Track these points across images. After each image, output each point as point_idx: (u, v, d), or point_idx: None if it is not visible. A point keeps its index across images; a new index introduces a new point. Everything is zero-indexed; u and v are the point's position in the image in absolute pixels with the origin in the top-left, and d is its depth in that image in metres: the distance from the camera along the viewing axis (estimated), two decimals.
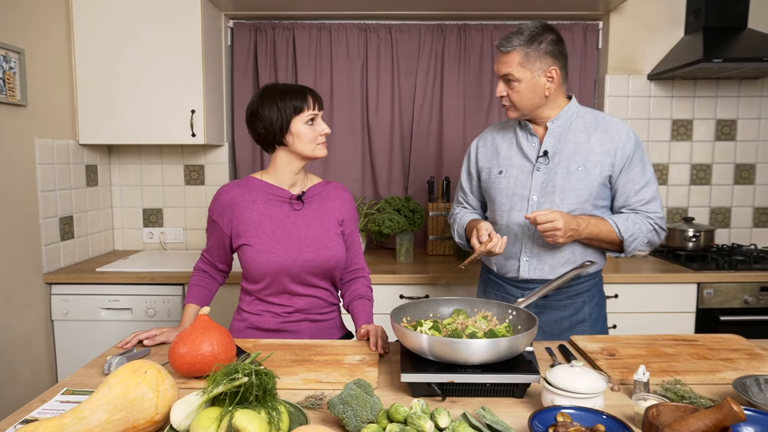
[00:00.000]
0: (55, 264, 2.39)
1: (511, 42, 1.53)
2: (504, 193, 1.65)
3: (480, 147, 1.78)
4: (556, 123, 1.62)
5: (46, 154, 2.32)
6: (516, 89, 1.55)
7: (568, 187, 1.57)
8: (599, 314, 1.70)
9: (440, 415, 0.87)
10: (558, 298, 1.64)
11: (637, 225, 1.57)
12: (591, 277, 1.67)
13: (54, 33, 2.39)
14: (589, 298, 1.67)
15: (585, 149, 1.58)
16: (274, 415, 0.88)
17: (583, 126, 1.62)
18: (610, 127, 1.60)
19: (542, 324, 1.65)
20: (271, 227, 1.52)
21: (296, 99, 1.50)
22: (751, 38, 2.53)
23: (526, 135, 1.66)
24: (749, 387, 1.06)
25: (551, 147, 1.61)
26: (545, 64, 1.53)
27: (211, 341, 1.17)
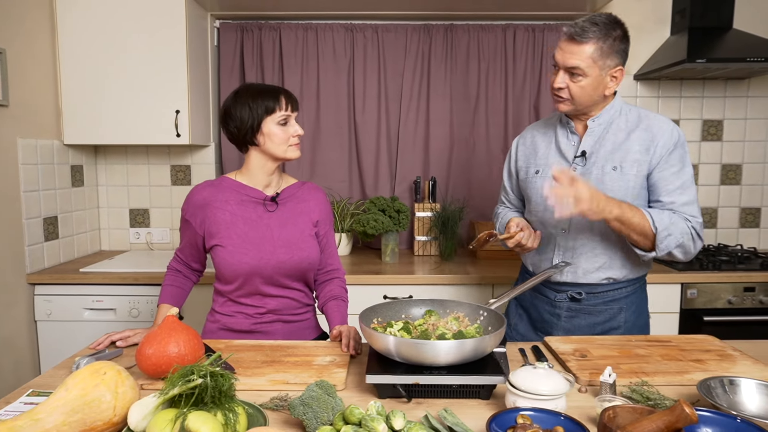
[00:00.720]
0: (39, 264, 2.39)
1: (586, 32, 1.41)
2: (539, 193, 1.59)
3: (520, 146, 1.74)
4: (597, 122, 1.54)
5: (29, 155, 2.32)
6: (580, 84, 1.45)
7: (601, 189, 1.47)
8: (636, 322, 1.61)
9: (395, 417, 0.87)
10: (593, 302, 1.58)
11: (674, 223, 1.44)
12: (631, 283, 1.59)
13: (38, 33, 2.38)
14: (627, 305, 1.59)
15: (623, 148, 1.50)
16: (230, 416, 0.88)
17: (624, 124, 1.53)
18: (653, 125, 1.50)
19: (573, 328, 1.60)
20: (244, 228, 1.51)
21: (268, 99, 1.49)
22: (736, 39, 2.53)
23: (567, 134, 1.60)
24: (714, 388, 1.06)
25: (589, 147, 1.54)
26: (614, 62, 1.45)
27: (177, 342, 1.17)
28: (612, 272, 1.56)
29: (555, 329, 1.62)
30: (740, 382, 1.07)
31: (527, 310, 1.72)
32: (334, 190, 2.94)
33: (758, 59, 2.36)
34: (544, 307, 1.65)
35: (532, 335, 1.68)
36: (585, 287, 1.58)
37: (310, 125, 2.90)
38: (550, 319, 1.64)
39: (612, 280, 1.57)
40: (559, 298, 1.61)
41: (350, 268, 2.52)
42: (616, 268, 1.55)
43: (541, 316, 1.67)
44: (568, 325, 1.61)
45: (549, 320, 1.64)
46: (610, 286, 1.58)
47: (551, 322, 1.64)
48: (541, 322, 1.67)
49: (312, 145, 2.92)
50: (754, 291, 2.37)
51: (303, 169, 2.92)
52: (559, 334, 1.61)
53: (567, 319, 1.61)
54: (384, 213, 2.61)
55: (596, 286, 1.57)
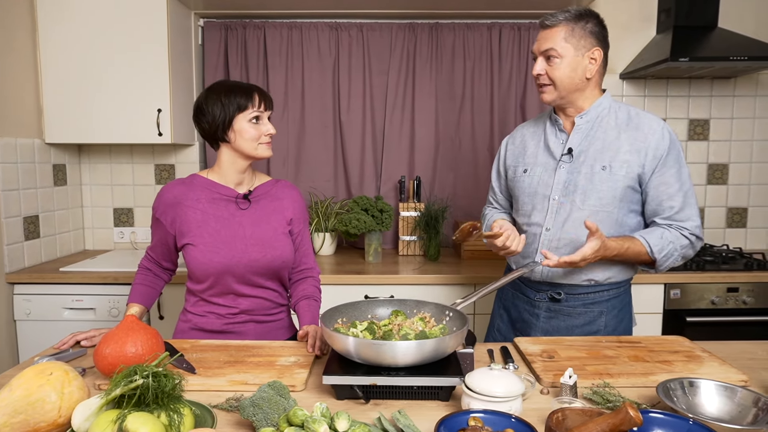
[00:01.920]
0: (19, 264, 2.38)
1: (556, 17, 1.46)
2: (526, 192, 1.59)
3: (509, 145, 1.72)
4: (585, 118, 1.53)
5: (9, 153, 2.31)
6: (557, 66, 1.46)
7: (590, 188, 1.48)
8: (617, 327, 1.58)
9: (339, 418, 0.86)
10: (573, 304, 1.56)
11: (671, 243, 1.45)
12: (614, 286, 1.56)
13: (17, 31, 2.38)
14: (608, 308, 1.56)
15: (613, 147, 1.48)
16: (174, 417, 0.87)
17: (614, 122, 1.51)
18: (643, 124, 1.48)
19: (553, 329, 1.58)
20: (216, 227, 1.50)
21: (241, 96, 1.48)
22: (721, 37, 2.51)
23: (555, 131, 1.58)
24: (673, 390, 1.04)
25: (577, 144, 1.52)
26: (589, 44, 1.46)
27: (135, 342, 1.15)
28: (594, 274, 1.53)
29: (533, 330, 1.60)
30: (700, 383, 1.05)
31: (507, 309, 1.70)
32: (320, 189, 2.93)
33: (741, 58, 2.34)
34: (523, 307, 1.64)
35: (512, 335, 1.66)
36: (565, 288, 1.56)
37: (296, 124, 2.89)
38: (529, 319, 1.62)
39: (594, 282, 1.54)
40: (539, 298, 1.59)
41: (333, 267, 2.51)
42: (599, 270, 1.52)
43: (520, 315, 1.65)
44: (546, 326, 1.59)
45: (528, 320, 1.62)
46: (592, 288, 1.55)
47: (530, 322, 1.62)
48: (521, 322, 1.65)
49: (297, 144, 2.91)
50: (737, 291, 2.35)
51: (288, 167, 2.91)
52: (537, 334, 1.59)
53: (545, 320, 1.59)
54: (367, 212, 2.60)
55: (577, 288, 1.55)
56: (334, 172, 2.95)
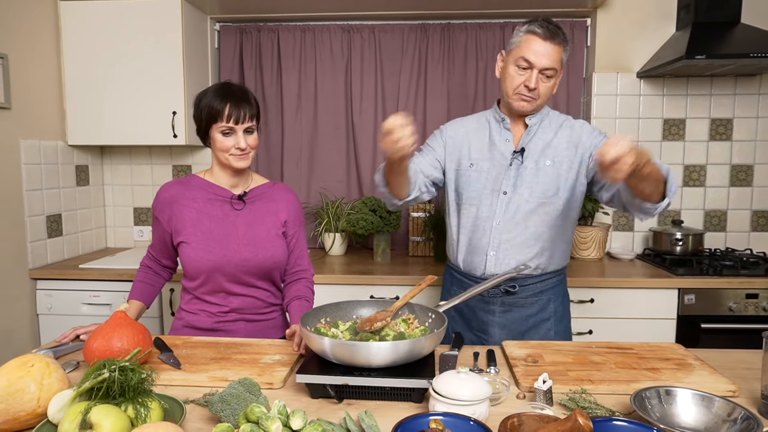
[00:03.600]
0: (42, 260, 2.49)
1: (558, 35, 1.50)
2: (473, 186, 1.64)
3: (449, 131, 1.71)
4: (533, 121, 1.62)
5: (32, 155, 2.42)
6: (549, 84, 1.54)
7: (535, 182, 1.58)
8: (564, 312, 1.69)
9: (294, 416, 0.87)
10: (524, 295, 1.63)
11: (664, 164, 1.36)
12: (555, 274, 1.67)
13: (41, 38, 2.49)
14: (554, 295, 1.66)
15: (552, 145, 1.60)
16: (141, 410, 0.90)
17: (549, 124, 1.64)
18: (575, 125, 1.64)
19: (508, 322, 1.64)
20: (209, 225, 1.54)
21: (214, 107, 1.47)
22: (742, 34, 2.41)
23: (500, 130, 1.65)
24: (648, 399, 1.02)
25: (526, 144, 1.61)
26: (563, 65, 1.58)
27: (121, 337, 1.20)
28: (541, 260, 1.61)
29: (490, 326, 1.65)
30: (677, 392, 1.02)
31: (460, 311, 1.72)
32: (333, 190, 2.95)
33: (762, 55, 2.24)
34: (477, 306, 1.67)
35: (470, 336, 1.68)
36: (519, 280, 1.61)
37: (308, 126, 2.92)
38: (485, 316, 1.66)
39: (541, 269, 1.62)
40: (492, 294, 1.63)
41: (342, 267, 2.54)
42: (544, 258, 1.61)
43: (475, 315, 1.68)
44: (502, 320, 1.64)
45: (483, 318, 1.66)
46: (539, 277, 1.63)
47: (485, 319, 1.66)
48: (477, 321, 1.68)
49: (310, 146, 2.94)
50: (757, 298, 2.26)
51: (301, 168, 2.95)
52: (495, 330, 1.64)
53: (501, 314, 1.64)
54: (375, 213, 2.61)
55: (527, 278, 1.62)
56: (347, 173, 2.97)
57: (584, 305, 2.29)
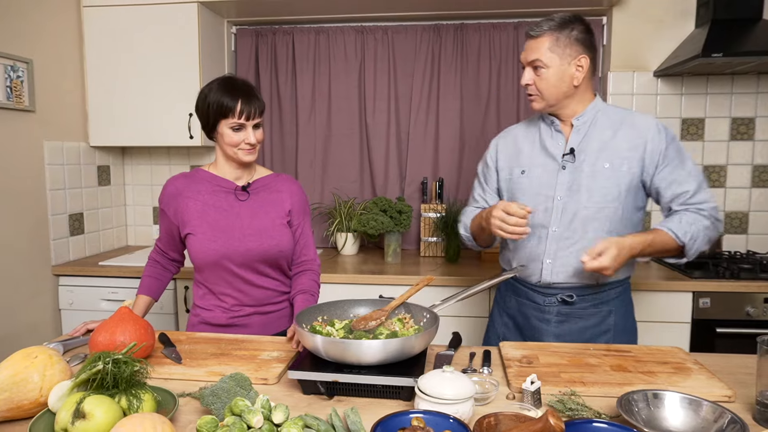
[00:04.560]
0: (64, 257, 2.59)
1: (540, 26, 1.49)
2: (527, 193, 1.59)
3: (500, 145, 1.70)
4: (582, 120, 1.55)
5: (55, 156, 2.52)
6: (543, 76, 1.49)
7: (594, 186, 1.50)
8: (625, 324, 1.60)
9: (276, 411, 0.90)
10: (583, 306, 1.56)
11: (693, 225, 1.46)
12: (619, 284, 1.58)
13: (66, 44, 2.59)
14: (615, 307, 1.57)
15: (611, 146, 1.52)
16: (133, 402, 0.94)
17: (608, 122, 1.55)
18: (637, 122, 1.53)
19: (565, 333, 1.57)
20: (215, 216, 1.58)
21: (225, 103, 1.50)
22: (764, 30, 2.35)
23: (551, 132, 1.59)
24: (636, 402, 1.01)
25: (577, 145, 1.54)
26: (575, 51, 1.48)
27: (124, 332, 1.25)
28: (522, 270, 1.57)
29: (545, 335, 1.57)
30: (665, 396, 1.01)
31: (513, 318, 1.67)
32: (346, 190, 2.98)
33: None
34: (532, 314, 1.60)
35: None
36: (576, 290, 1.54)
37: (322, 127, 2.96)
38: (539, 325, 1.59)
39: (600, 281, 1.54)
40: (548, 303, 1.57)
41: (353, 267, 2.56)
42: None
43: (529, 322, 1.61)
44: (558, 331, 1.56)
45: (538, 326, 1.59)
46: (599, 287, 1.55)
47: (540, 328, 1.58)
48: (530, 329, 1.61)
49: (324, 146, 2.98)
50: None
51: (315, 169, 2.99)
52: (550, 340, 1.56)
53: (557, 324, 1.57)
54: (385, 213, 2.63)
55: (586, 288, 1.55)
56: (360, 174, 3.00)
57: None
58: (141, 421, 0.84)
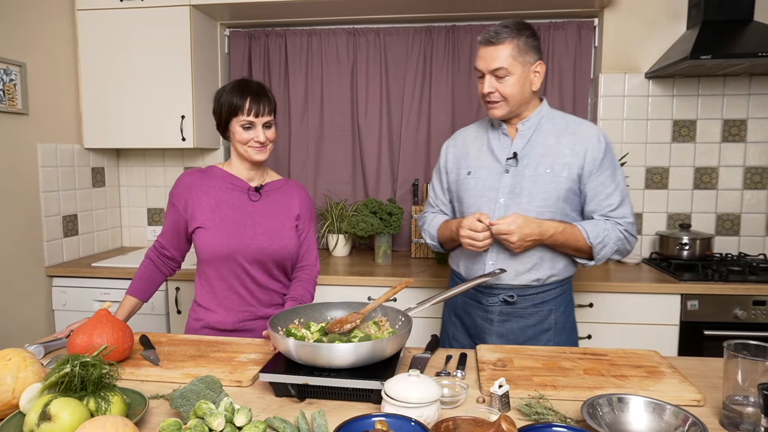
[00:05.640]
0: (57, 258, 2.61)
1: (500, 34, 1.50)
2: (472, 194, 1.63)
3: (450, 148, 1.75)
4: (526, 125, 1.59)
5: (49, 158, 2.54)
6: (508, 84, 1.51)
7: (535, 190, 1.54)
8: (566, 322, 1.65)
9: (239, 414, 0.91)
10: (524, 305, 1.60)
11: (606, 232, 1.53)
12: (559, 284, 1.62)
13: (60, 47, 2.61)
14: (556, 306, 1.62)
15: (554, 152, 1.56)
16: (101, 404, 0.95)
17: (552, 128, 1.59)
18: (580, 129, 1.58)
19: (508, 332, 1.61)
20: (227, 212, 1.60)
21: (235, 101, 1.55)
22: (754, 32, 2.34)
23: (499, 136, 1.63)
24: (600, 406, 1.01)
25: (521, 149, 1.58)
26: (533, 58, 1.53)
27: (101, 334, 1.26)
28: (541, 273, 1.57)
29: (488, 335, 1.61)
30: (629, 400, 1.02)
31: (460, 317, 1.71)
32: (339, 192, 2.99)
33: None
34: (476, 313, 1.65)
35: (468, 342, 1.67)
36: (517, 290, 1.58)
37: (315, 128, 2.97)
38: (483, 324, 1.63)
39: (541, 282, 1.58)
40: (491, 302, 1.61)
41: (344, 268, 2.58)
42: (545, 269, 1.57)
43: (474, 322, 1.66)
44: (500, 330, 1.61)
45: (482, 326, 1.63)
46: (540, 287, 1.59)
47: (484, 327, 1.63)
48: (475, 329, 1.65)
49: (316, 148, 2.99)
50: (764, 305, 2.19)
51: (308, 170, 3.00)
52: (492, 339, 1.60)
53: (499, 323, 1.61)
54: (375, 215, 2.63)
55: (527, 288, 1.58)
56: (352, 175, 3.01)
57: (584, 309, 2.26)
58: (103, 423, 0.85)
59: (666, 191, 2.72)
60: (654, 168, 2.72)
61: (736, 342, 1.04)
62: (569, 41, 2.74)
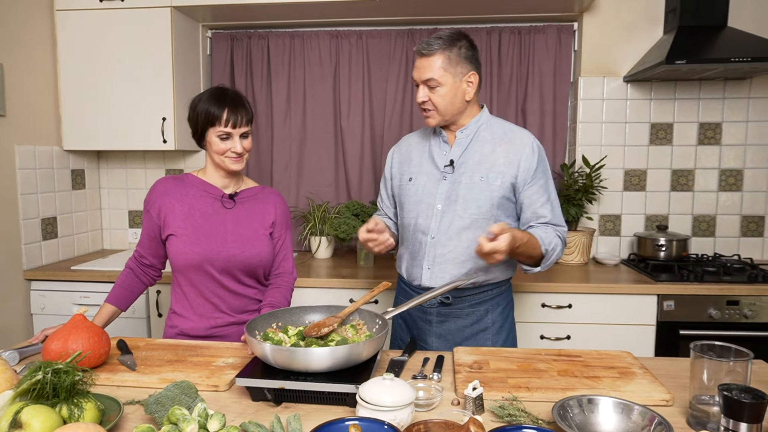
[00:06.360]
0: (36, 262, 2.58)
1: (432, 45, 1.53)
2: (412, 200, 1.67)
3: (395, 154, 1.80)
4: (465, 133, 1.63)
5: (27, 160, 2.51)
6: (439, 94, 1.54)
7: (469, 197, 1.58)
8: (504, 323, 1.69)
9: (212, 419, 0.91)
10: (461, 306, 1.64)
11: (552, 240, 1.57)
12: (496, 285, 1.67)
13: (38, 47, 2.58)
14: (492, 306, 1.67)
15: (489, 160, 1.59)
16: (74, 410, 0.95)
17: (490, 136, 1.62)
18: (515, 138, 1.61)
19: (446, 332, 1.66)
20: (199, 221, 1.60)
21: (212, 111, 1.54)
22: (728, 38, 2.39)
23: (439, 143, 1.67)
24: (571, 408, 1.04)
25: (458, 157, 1.62)
26: (465, 68, 1.55)
27: (76, 339, 1.26)
28: (477, 277, 1.60)
29: (428, 335, 1.67)
30: (599, 401, 1.04)
31: (404, 319, 1.75)
32: (322, 194, 3.00)
33: (744, 59, 2.22)
34: (417, 315, 1.70)
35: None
36: (453, 292, 1.61)
37: (297, 131, 2.97)
38: (423, 325, 1.68)
39: (475, 285, 1.62)
40: (429, 304, 1.65)
41: (326, 271, 2.58)
42: (480, 274, 1.61)
43: (415, 323, 1.71)
44: (439, 330, 1.66)
45: (422, 327, 1.69)
46: (476, 289, 1.63)
47: (424, 328, 1.68)
48: (416, 329, 1.71)
49: (299, 150, 2.99)
50: (737, 305, 2.23)
51: (290, 173, 3.00)
52: (432, 339, 1.66)
53: (438, 324, 1.66)
54: (357, 217, 2.64)
55: (462, 290, 1.62)
56: (335, 178, 3.01)
57: (562, 311, 2.29)
58: (75, 430, 0.85)
59: (644, 193, 2.77)
60: (632, 170, 2.76)
61: (702, 343, 1.07)
62: (549, 45, 2.77)
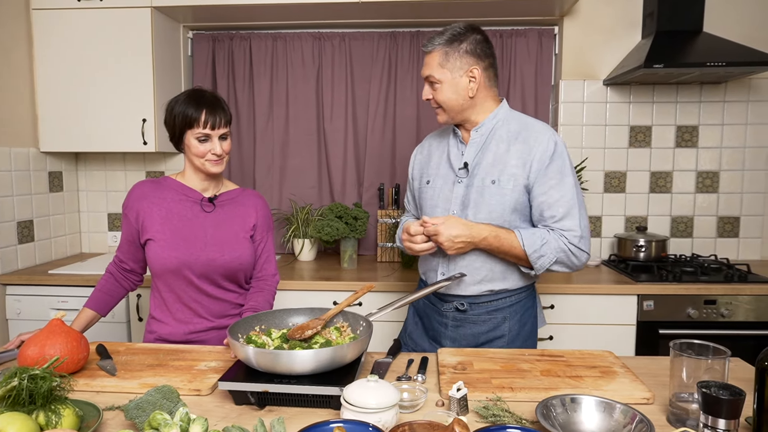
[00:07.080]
0: (12, 266, 2.53)
1: (432, 42, 1.52)
2: (428, 204, 1.63)
3: (417, 155, 1.76)
4: (480, 131, 1.56)
5: (3, 162, 2.46)
6: (439, 90, 1.52)
7: (480, 202, 1.52)
8: (520, 331, 1.60)
9: (194, 424, 0.90)
10: (477, 313, 1.59)
11: (545, 241, 1.47)
12: (515, 292, 1.59)
13: (13, 47, 2.53)
14: (510, 314, 1.59)
15: (502, 161, 1.51)
16: (52, 417, 0.93)
17: (506, 135, 1.54)
18: (530, 137, 1.51)
19: (459, 337, 1.62)
20: (178, 225, 1.57)
21: (190, 113, 1.52)
22: (703, 43, 2.44)
23: (457, 143, 1.61)
24: (554, 407, 1.04)
25: (472, 158, 1.55)
26: (465, 63, 1.50)
27: (54, 344, 1.23)
28: (492, 285, 1.56)
29: (443, 338, 1.64)
30: (581, 400, 1.05)
31: (422, 317, 1.74)
32: (305, 196, 2.98)
33: (719, 64, 2.27)
34: (434, 316, 1.67)
35: (424, 343, 1.69)
36: (468, 299, 1.59)
37: (280, 132, 2.96)
38: (439, 328, 1.65)
39: (492, 292, 1.57)
40: (446, 308, 1.63)
41: (310, 273, 2.57)
42: (497, 281, 1.57)
43: (432, 324, 1.68)
44: (453, 334, 1.63)
45: (438, 329, 1.66)
46: (492, 296, 1.58)
47: (439, 330, 1.65)
48: (432, 331, 1.68)
49: (282, 152, 2.98)
50: (714, 304, 2.28)
51: (273, 174, 2.98)
52: (447, 342, 1.63)
53: (453, 328, 1.63)
54: (341, 219, 2.64)
55: (478, 298, 1.58)
56: (318, 180, 3.00)
57: (545, 311, 2.31)
58: None
59: (624, 195, 2.81)
60: (612, 172, 2.80)
61: (681, 341, 1.08)
62: (531, 48, 2.80)
